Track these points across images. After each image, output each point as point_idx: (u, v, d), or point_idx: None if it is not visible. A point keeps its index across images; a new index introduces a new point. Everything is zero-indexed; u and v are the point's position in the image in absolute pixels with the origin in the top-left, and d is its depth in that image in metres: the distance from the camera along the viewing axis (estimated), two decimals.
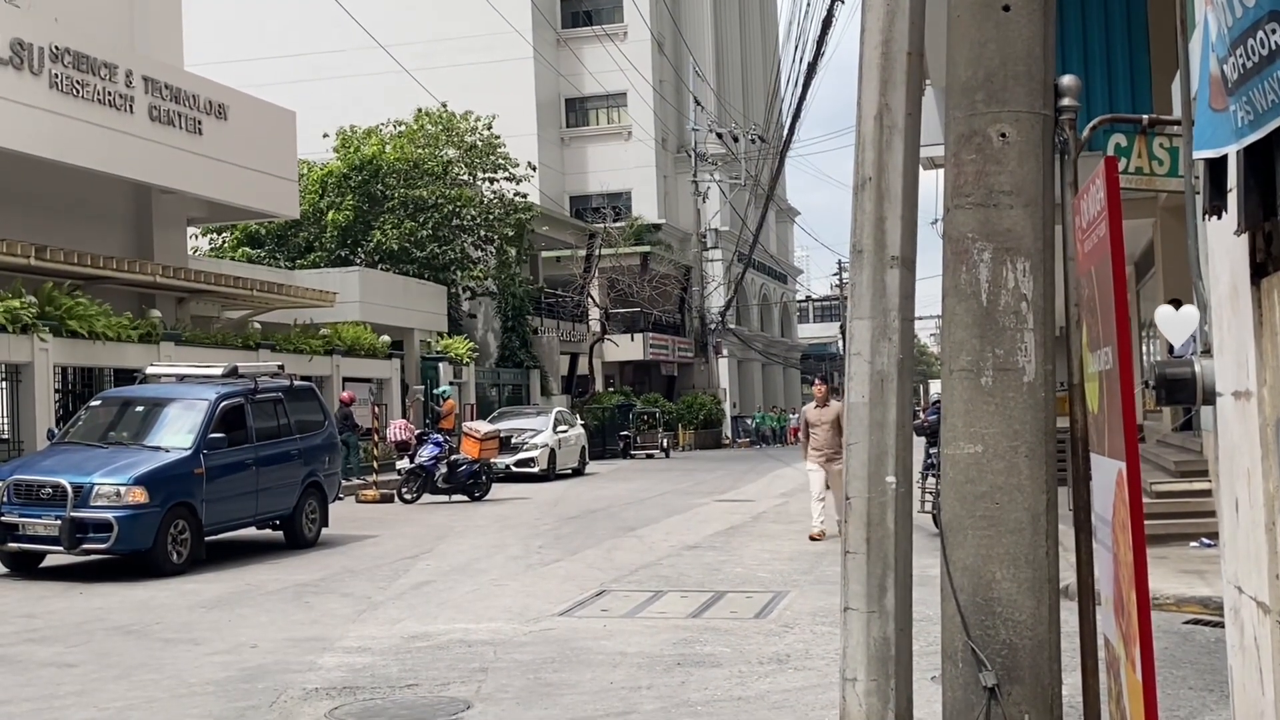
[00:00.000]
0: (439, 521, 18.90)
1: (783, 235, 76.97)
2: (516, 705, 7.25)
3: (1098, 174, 3.98)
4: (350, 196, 36.00)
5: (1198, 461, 13.38)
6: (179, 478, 13.71)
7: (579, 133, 58.76)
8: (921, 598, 5.69)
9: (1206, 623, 9.02)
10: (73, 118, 20.98)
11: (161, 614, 10.82)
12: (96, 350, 20.84)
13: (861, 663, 5.07)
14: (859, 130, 5.29)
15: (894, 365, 5.16)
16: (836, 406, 14.70)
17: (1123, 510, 3.73)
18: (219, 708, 7.34)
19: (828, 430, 14.95)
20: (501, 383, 39.42)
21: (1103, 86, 12.72)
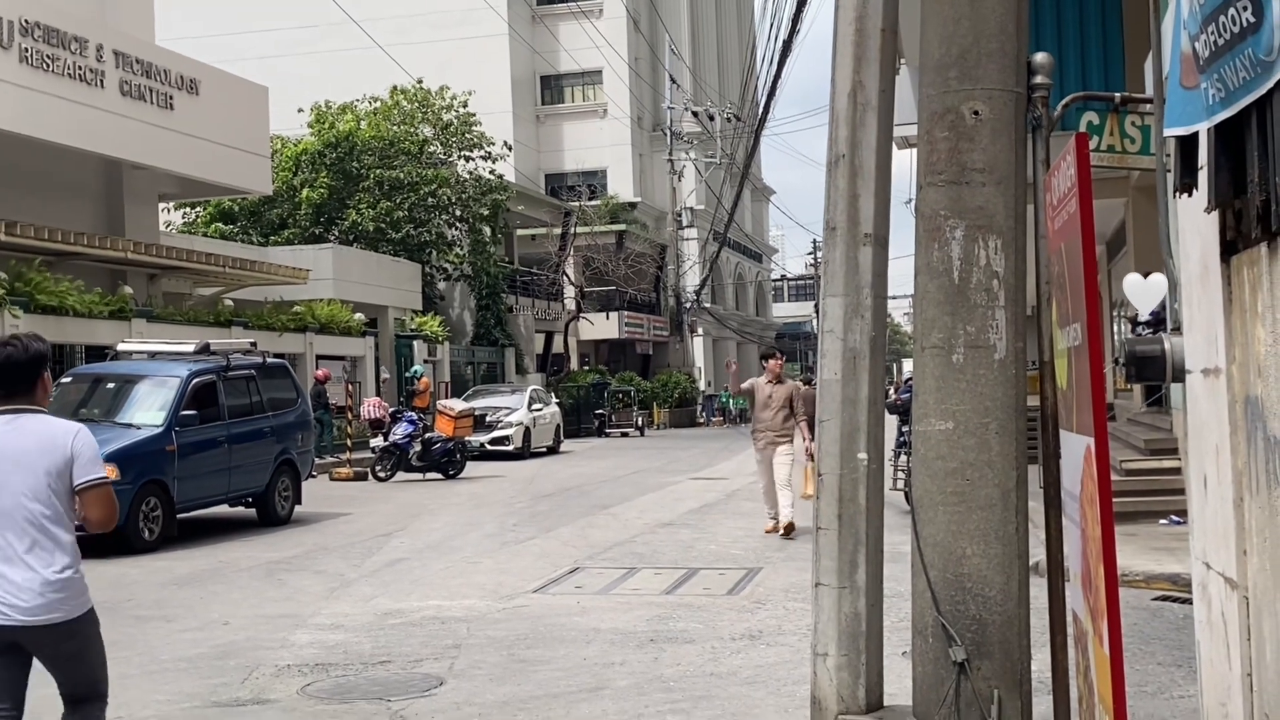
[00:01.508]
0: (413, 499, 18.88)
1: (758, 214, 77.00)
2: (489, 681, 7.26)
3: (1068, 151, 3.99)
4: (325, 174, 35.79)
5: (1167, 439, 13.49)
6: (151, 455, 13.64)
7: (554, 110, 58.55)
8: (893, 574, 5.72)
9: (1175, 599, 9.10)
10: (43, 92, 20.75)
11: (133, 591, 10.78)
12: (68, 326, 20.69)
13: (833, 638, 5.10)
14: (833, 107, 5.29)
15: (866, 342, 5.17)
16: (790, 385, 13.94)
17: (1091, 486, 3.76)
18: (191, 684, 7.32)
19: (776, 412, 13.65)
20: (476, 361, 39.35)
21: (1076, 64, 12.76)
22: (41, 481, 4.28)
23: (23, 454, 4.29)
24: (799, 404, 13.46)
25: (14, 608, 4.25)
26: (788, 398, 13.56)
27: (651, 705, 6.64)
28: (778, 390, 13.67)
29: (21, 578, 4.25)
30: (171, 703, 6.89)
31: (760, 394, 13.76)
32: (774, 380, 13.80)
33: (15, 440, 4.31)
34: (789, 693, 6.79)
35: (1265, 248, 3.35)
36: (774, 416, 13.59)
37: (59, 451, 4.32)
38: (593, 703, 6.74)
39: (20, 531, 4.27)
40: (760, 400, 13.73)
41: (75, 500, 4.37)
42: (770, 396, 13.65)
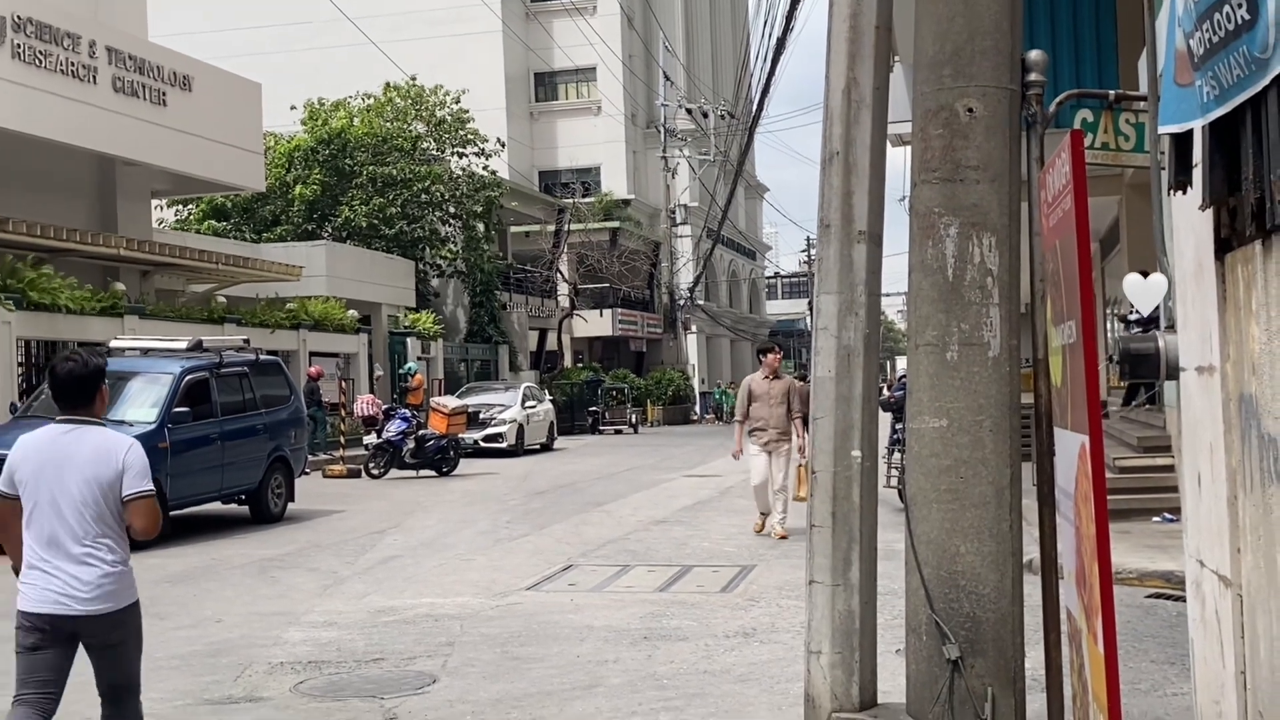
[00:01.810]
0: (406, 496, 18.87)
1: (751, 212, 76.99)
2: (483, 679, 7.25)
3: (1063, 148, 3.99)
4: (318, 170, 35.74)
5: (1161, 437, 13.50)
6: None
7: (548, 107, 58.51)
8: (886, 571, 5.71)
9: (1169, 597, 9.11)
10: (35, 89, 20.70)
11: None
12: (60, 323, 20.64)
13: (826, 635, 5.09)
14: (826, 104, 5.29)
15: (860, 340, 5.17)
16: (788, 380, 13.41)
17: (1085, 483, 3.75)
18: (184, 682, 7.31)
19: (775, 407, 13.12)
20: (470, 358, 39.33)
21: (1070, 62, 12.77)
22: (95, 488, 4.72)
23: (81, 462, 4.73)
24: (796, 400, 13.02)
25: (73, 598, 4.67)
26: (785, 393, 13.15)
27: (645, 703, 6.64)
28: (775, 385, 13.25)
29: (80, 572, 4.68)
30: (164, 700, 6.87)
31: (758, 389, 13.31)
32: (771, 375, 13.37)
33: (75, 449, 4.76)
34: (782, 690, 6.79)
35: (1259, 245, 3.35)
36: (773, 412, 13.12)
37: (112, 463, 4.74)
38: (586, 700, 6.73)
39: (78, 531, 4.70)
40: (758, 396, 13.27)
41: (124, 510, 4.78)
42: (769, 392, 13.23)
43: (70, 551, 4.68)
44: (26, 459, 4.80)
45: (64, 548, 4.69)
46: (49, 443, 4.81)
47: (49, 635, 4.71)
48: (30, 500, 4.75)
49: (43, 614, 4.69)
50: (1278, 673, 3.37)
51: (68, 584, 4.66)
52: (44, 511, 4.72)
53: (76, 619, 4.69)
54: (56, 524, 4.70)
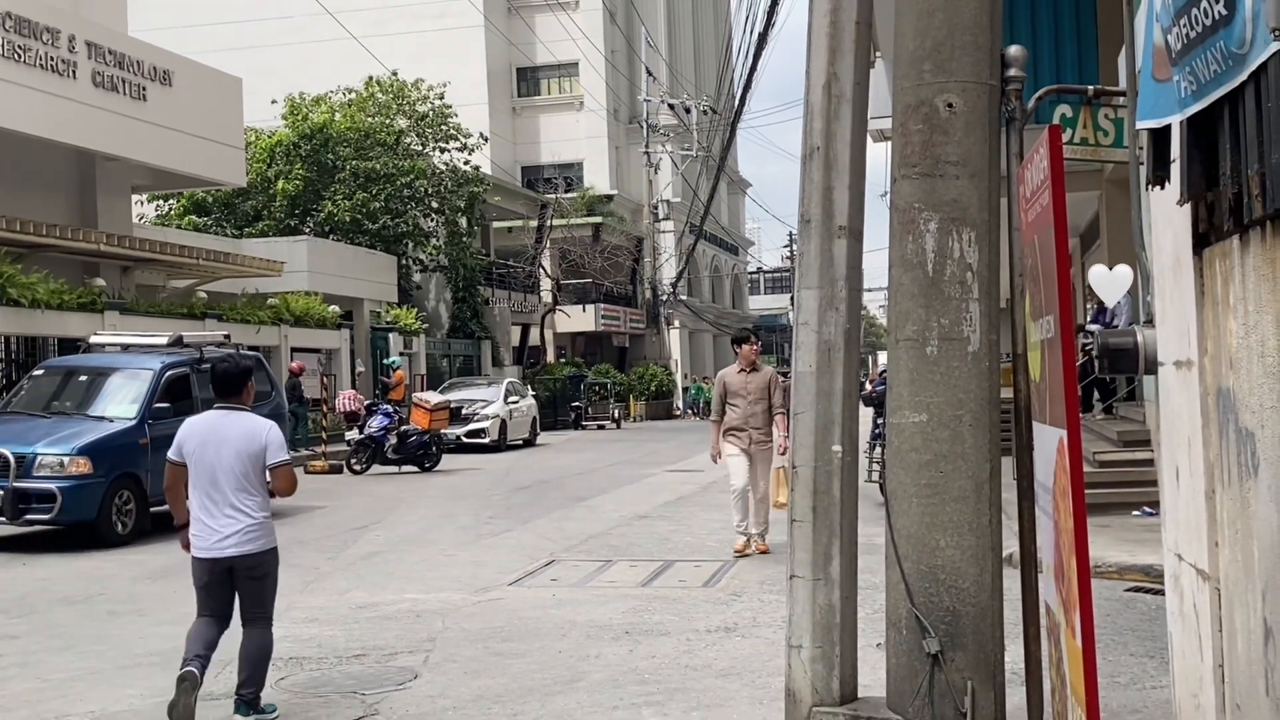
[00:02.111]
0: (388, 492, 18.83)
1: (734, 207, 77.01)
2: (464, 675, 7.25)
3: (1041, 143, 4.00)
4: (300, 165, 35.62)
5: (1140, 431, 13.55)
6: (124, 448, 13.56)
7: (530, 102, 58.41)
8: (867, 565, 5.72)
9: (1148, 590, 9.15)
10: (14, 83, 20.58)
11: (106, 585, 10.72)
12: (39, 319, 20.54)
13: (807, 630, 5.10)
14: (807, 100, 5.29)
15: (841, 335, 5.17)
16: (768, 373, 11.94)
17: (1064, 478, 3.77)
18: (165, 679, 7.27)
19: (754, 403, 11.66)
20: (452, 353, 39.26)
21: (1050, 58, 12.80)
22: (244, 459, 6.20)
23: (233, 439, 6.23)
24: (778, 394, 11.71)
25: (227, 543, 6.15)
26: (765, 387, 11.74)
27: (627, 698, 6.64)
28: (754, 379, 11.77)
29: (232, 523, 6.16)
30: (145, 697, 6.85)
31: (734, 384, 11.80)
32: (748, 368, 11.84)
33: (228, 429, 6.28)
34: (764, 685, 6.80)
35: (1237, 240, 3.36)
36: (752, 409, 11.64)
37: (257, 440, 6.26)
38: (568, 695, 6.73)
39: (234, 491, 6.18)
40: (735, 392, 11.76)
41: (267, 473, 6.27)
42: (746, 387, 11.73)
43: (224, 508, 6.16)
44: (192, 435, 6.29)
45: (220, 504, 6.16)
46: (209, 423, 6.34)
47: (213, 572, 6.20)
48: (194, 467, 6.21)
49: (206, 557, 6.19)
50: (1255, 666, 3.39)
51: (222, 533, 6.14)
52: (205, 476, 6.17)
53: (231, 558, 6.17)
54: (214, 486, 6.16)
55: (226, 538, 6.15)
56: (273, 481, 6.26)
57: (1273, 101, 2.92)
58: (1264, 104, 2.98)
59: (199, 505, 6.21)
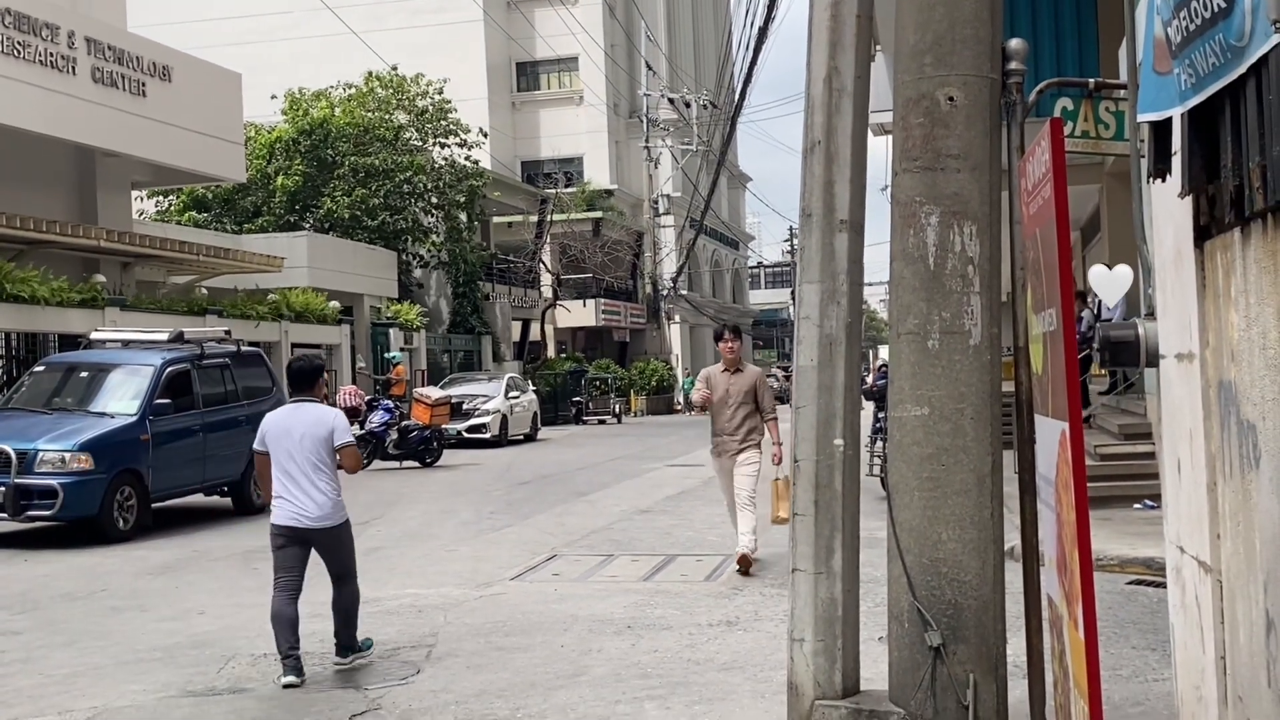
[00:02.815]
0: (390, 487, 18.84)
1: (734, 201, 76.99)
2: (466, 669, 7.26)
3: (1042, 136, 4.00)
4: (299, 161, 35.61)
5: (1142, 424, 13.56)
6: (125, 444, 13.57)
7: (530, 97, 58.37)
8: (869, 559, 5.74)
9: (1150, 583, 9.16)
10: (14, 79, 20.58)
11: (108, 581, 10.73)
12: (39, 315, 20.55)
13: (809, 623, 5.11)
14: (808, 93, 5.29)
15: (842, 329, 5.18)
16: (753, 374, 10.52)
17: (1065, 470, 3.77)
18: (167, 674, 7.29)
19: (738, 407, 10.26)
20: (453, 349, 39.26)
21: (1051, 51, 12.79)
22: (317, 442, 7.23)
23: (307, 426, 7.25)
24: (766, 397, 10.38)
25: (307, 516, 7.22)
26: (751, 389, 10.30)
27: (629, 692, 6.65)
28: (737, 381, 10.33)
29: (312, 498, 7.21)
30: (148, 693, 6.86)
31: (715, 387, 10.35)
32: (731, 369, 10.41)
33: (302, 418, 7.31)
34: (766, 678, 6.81)
35: (1238, 233, 3.36)
36: (734, 415, 10.25)
37: (325, 425, 7.29)
38: (570, 690, 6.74)
39: (310, 472, 7.21)
40: (714, 392, 10.35)
41: (336, 455, 7.30)
42: (728, 391, 10.28)
43: (301, 486, 7.19)
44: (272, 426, 7.32)
45: (297, 483, 7.19)
46: (285, 415, 7.37)
47: (289, 539, 7.27)
48: (274, 452, 7.24)
49: (284, 526, 7.25)
50: (1257, 657, 3.39)
51: (301, 507, 7.19)
52: (283, 459, 7.21)
53: (308, 530, 7.24)
54: (292, 466, 7.19)
55: (304, 512, 7.20)
56: (340, 460, 7.35)
57: (1273, 94, 2.92)
58: (1264, 96, 2.98)
59: (279, 484, 7.26)
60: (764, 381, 10.49)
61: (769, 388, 10.54)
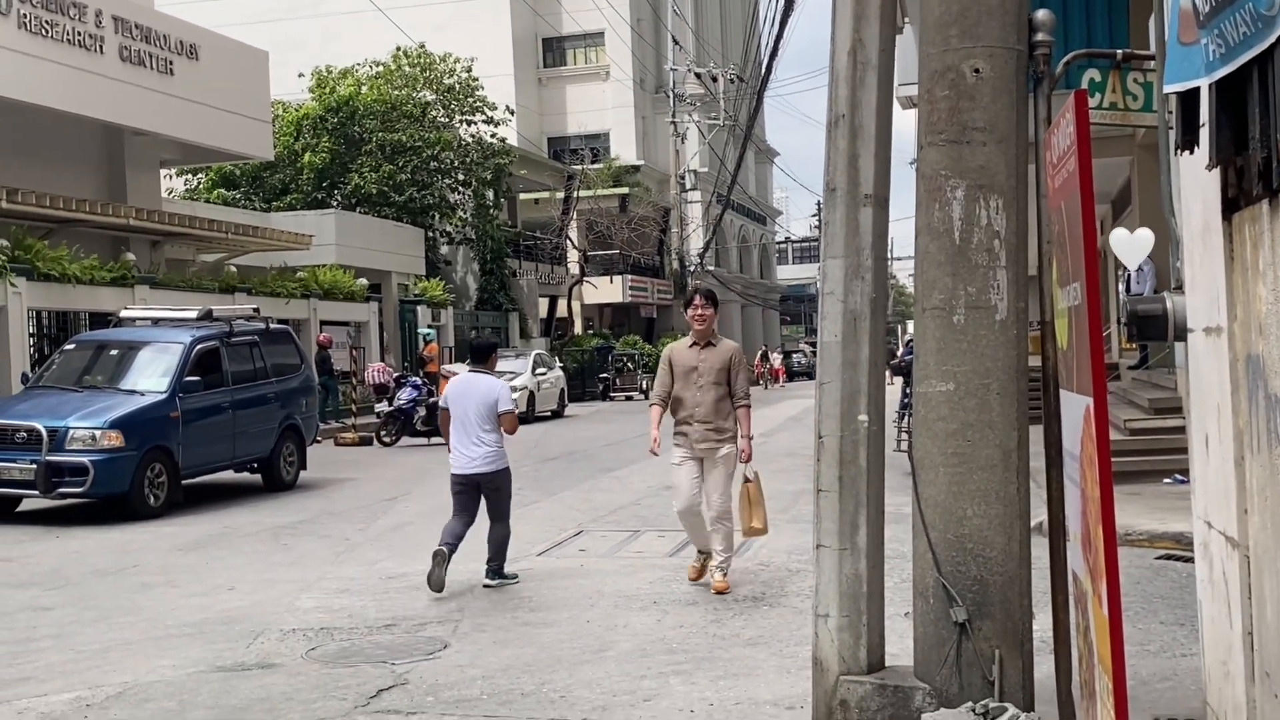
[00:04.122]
0: (417, 463, 18.92)
1: (762, 176, 76.69)
2: (493, 644, 7.29)
3: (1068, 108, 3.95)
4: (326, 138, 35.68)
5: (1171, 398, 13.46)
6: (155, 421, 13.66)
7: (556, 73, 58.23)
8: (894, 535, 5.73)
9: (1179, 558, 9.11)
10: (42, 58, 20.68)
11: (139, 557, 10.82)
12: (70, 294, 20.69)
13: (834, 599, 5.11)
14: (832, 66, 5.25)
15: (867, 304, 5.15)
16: (729, 349, 8.69)
17: (1090, 446, 3.74)
18: (197, 650, 7.35)
19: (707, 389, 8.55)
20: (480, 325, 39.33)
21: (1080, 21, 12.64)
22: (486, 406, 8.92)
23: (479, 393, 8.96)
24: (740, 379, 8.67)
25: (474, 464, 8.92)
26: (724, 368, 8.57)
27: (654, 667, 6.66)
28: (709, 357, 8.63)
29: (478, 450, 8.92)
30: (178, 668, 6.91)
31: (682, 363, 8.67)
32: (702, 342, 8.71)
33: (477, 386, 9.03)
34: (791, 654, 6.81)
35: (1266, 205, 3.32)
36: (705, 398, 8.55)
37: (494, 394, 8.97)
38: (596, 665, 6.76)
39: (478, 430, 8.90)
40: (683, 374, 8.65)
41: (500, 418, 8.96)
42: (698, 369, 8.60)
43: (472, 440, 8.90)
44: (454, 390, 9.11)
45: (469, 437, 8.91)
46: (464, 382, 9.13)
47: (464, 485, 9.00)
48: (454, 412, 8.96)
49: (460, 473, 8.96)
50: None
51: (471, 457, 8.89)
52: (460, 418, 8.93)
53: (476, 475, 8.94)
54: (465, 424, 8.90)
55: (474, 460, 8.84)
56: (502, 424, 8.94)
57: None
58: None
59: (456, 438, 8.93)
60: (740, 359, 8.80)
61: (745, 367, 8.85)
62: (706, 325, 8.71)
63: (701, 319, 8.70)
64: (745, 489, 8.74)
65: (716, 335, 8.83)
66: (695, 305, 8.75)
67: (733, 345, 8.85)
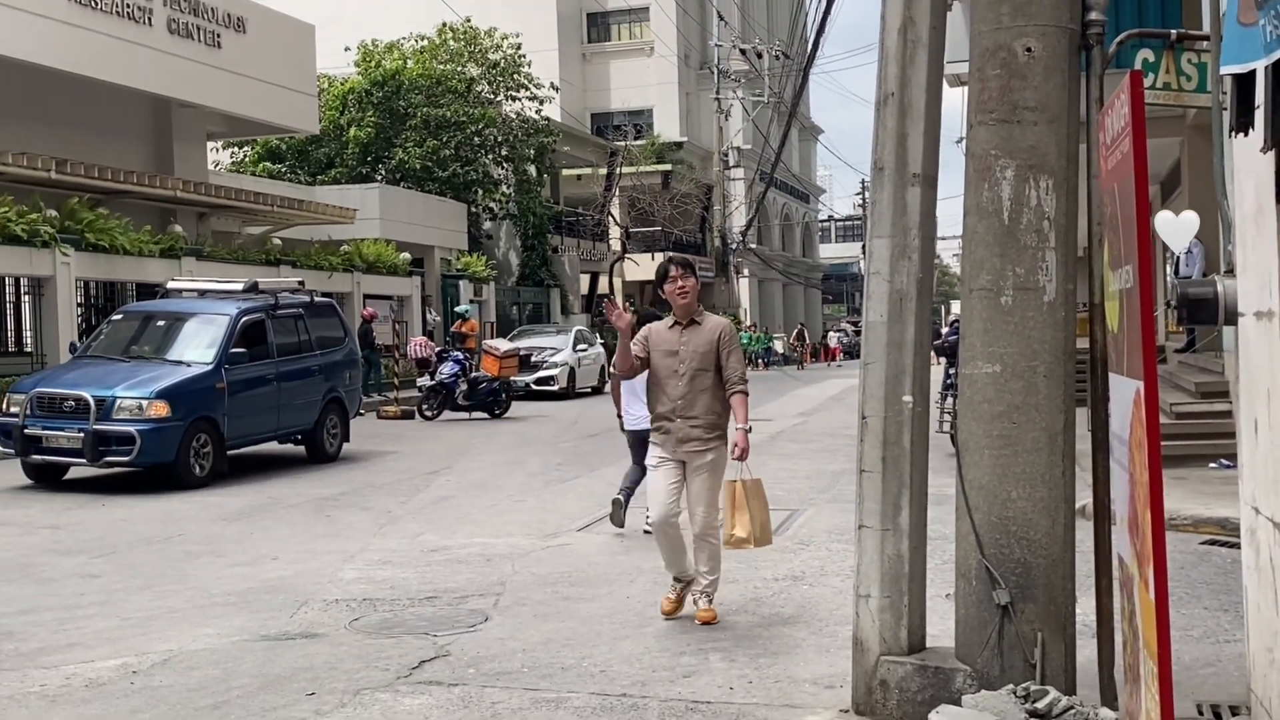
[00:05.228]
0: (459, 438, 19.02)
1: (805, 154, 76.35)
2: (533, 618, 7.33)
3: (1122, 89, 3.91)
4: (371, 113, 35.80)
5: (1219, 382, 13.33)
6: (201, 392, 13.79)
7: (601, 48, 58.13)
8: (936, 516, 5.71)
9: (1224, 544, 9.04)
10: (92, 30, 20.86)
11: (184, 526, 10.95)
12: (118, 264, 20.90)
13: (875, 580, 5.10)
14: (882, 44, 5.22)
15: (913, 284, 5.13)
16: (715, 326, 7.21)
17: (1139, 430, 3.72)
18: (241, 619, 7.44)
19: (689, 376, 7.08)
20: (522, 301, 39.43)
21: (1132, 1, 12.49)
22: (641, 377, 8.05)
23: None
24: (733, 361, 7.18)
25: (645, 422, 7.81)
26: (711, 350, 7.11)
27: (694, 643, 6.68)
28: (692, 337, 7.14)
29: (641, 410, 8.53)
30: (222, 636, 7.00)
31: (661, 344, 7.20)
32: (684, 319, 7.21)
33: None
34: (831, 633, 6.81)
35: None
36: (686, 387, 7.08)
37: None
38: (635, 640, 6.78)
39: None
40: (661, 357, 7.17)
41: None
42: (678, 354, 7.13)
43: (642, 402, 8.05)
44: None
45: (639, 400, 8.54)
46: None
47: (638, 439, 9.30)
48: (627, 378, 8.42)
49: (635, 429, 9.54)
50: None
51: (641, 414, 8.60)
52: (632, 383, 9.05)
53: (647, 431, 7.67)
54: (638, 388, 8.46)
55: (643, 418, 8.25)
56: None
57: None
58: None
59: (626, 400, 9.61)
60: (732, 336, 7.25)
61: (737, 345, 7.28)
62: (690, 298, 7.16)
63: (683, 291, 7.13)
64: (733, 488, 7.07)
65: (701, 311, 7.31)
66: (673, 277, 7.18)
67: (722, 321, 7.36)
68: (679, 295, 7.14)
